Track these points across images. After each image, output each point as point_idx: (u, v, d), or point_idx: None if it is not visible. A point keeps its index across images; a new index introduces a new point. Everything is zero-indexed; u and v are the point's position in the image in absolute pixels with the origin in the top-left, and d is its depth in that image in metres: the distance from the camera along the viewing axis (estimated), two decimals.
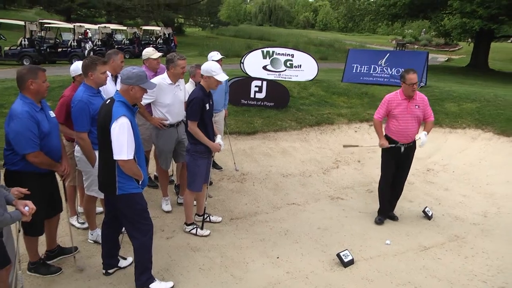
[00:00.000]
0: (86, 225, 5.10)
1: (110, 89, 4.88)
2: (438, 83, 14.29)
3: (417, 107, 5.54)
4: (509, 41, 44.50)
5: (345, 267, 4.67)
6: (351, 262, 4.73)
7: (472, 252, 5.13)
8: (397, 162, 5.73)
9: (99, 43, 23.63)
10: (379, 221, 5.88)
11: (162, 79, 5.43)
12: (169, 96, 5.45)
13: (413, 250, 5.14)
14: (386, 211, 5.97)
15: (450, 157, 8.67)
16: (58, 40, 22.62)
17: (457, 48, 44.78)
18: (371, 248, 5.14)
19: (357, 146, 5.89)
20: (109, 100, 3.78)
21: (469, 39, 29.33)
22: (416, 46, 43.87)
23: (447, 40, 39.09)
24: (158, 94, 5.39)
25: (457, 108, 10.51)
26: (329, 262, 4.80)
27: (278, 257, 4.85)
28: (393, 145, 5.63)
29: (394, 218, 5.96)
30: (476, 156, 8.55)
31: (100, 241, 4.43)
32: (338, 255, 4.75)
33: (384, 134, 5.74)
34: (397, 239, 5.40)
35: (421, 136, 5.51)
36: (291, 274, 4.54)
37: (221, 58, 6.57)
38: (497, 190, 7.16)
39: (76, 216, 5.24)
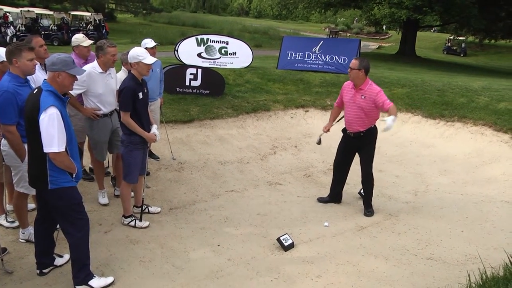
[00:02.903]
0: (15, 224, 4.74)
1: (40, 78, 4.53)
2: (370, 70, 14.76)
3: (362, 97, 5.40)
4: (432, 30, 47.16)
5: (285, 251, 4.71)
6: (291, 245, 4.77)
7: (404, 229, 5.37)
8: (353, 148, 5.79)
9: (23, 28, 22.06)
10: (319, 199, 6.09)
11: (92, 67, 5.17)
12: (101, 85, 5.21)
13: (351, 230, 5.29)
14: (331, 192, 6.10)
15: (383, 140, 8.95)
16: None
17: (387, 36, 46.63)
18: (310, 231, 5.22)
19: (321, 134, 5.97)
20: (36, 90, 3.53)
21: (398, 28, 30.70)
22: (348, 34, 45.10)
23: (378, 28, 40.72)
24: (89, 83, 5.14)
25: (389, 93, 10.88)
26: (270, 247, 4.81)
27: (219, 245, 4.81)
28: (320, 135, 5.92)
29: (369, 212, 5.77)
30: (407, 138, 8.97)
31: (33, 240, 4.12)
32: (278, 240, 4.77)
33: None
34: (335, 221, 5.53)
35: (387, 120, 5.03)
36: (232, 261, 4.51)
37: (155, 45, 6.35)
38: (425, 169, 7.56)
39: (4, 215, 4.85)
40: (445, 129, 9.01)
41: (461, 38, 37.31)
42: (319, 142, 6.00)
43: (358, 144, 5.70)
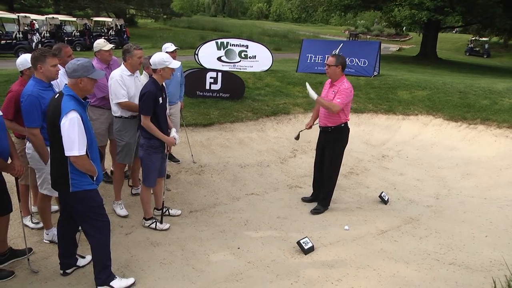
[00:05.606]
0: (40, 225, 4.85)
1: (63, 83, 4.61)
2: (390, 72, 14.70)
3: (333, 92, 5.56)
4: (454, 31, 46.43)
5: (305, 254, 4.70)
6: (311, 249, 4.76)
7: (426, 233, 5.30)
8: (323, 145, 5.80)
9: (48, 35, 22.55)
10: (303, 198, 6.17)
11: (122, 71, 5.18)
12: (132, 87, 5.23)
13: (371, 234, 5.25)
14: (313, 189, 6.12)
15: (404, 143, 8.93)
16: (0, 32, 21.31)
17: (407, 38, 46.18)
18: (330, 235, 5.20)
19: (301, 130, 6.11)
20: (57, 95, 3.60)
21: (419, 30, 30.32)
22: (368, 36, 44.81)
23: (398, 30, 40.28)
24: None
25: (410, 96, 10.82)
26: (290, 250, 4.81)
27: (239, 248, 4.83)
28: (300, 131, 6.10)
29: (315, 210, 5.83)
30: (428, 141, 8.87)
31: (56, 241, 4.22)
32: (298, 243, 4.77)
33: None
34: (355, 224, 5.49)
35: (311, 91, 5.52)
36: (252, 264, 4.52)
37: (175, 50, 6.44)
38: (447, 173, 7.46)
39: (29, 216, 4.97)
40: (468, 131, 8.87)
41: (484, 39, 36.62)
42: (297, 138, 6.12)
43: (326, 140, 5.72)
